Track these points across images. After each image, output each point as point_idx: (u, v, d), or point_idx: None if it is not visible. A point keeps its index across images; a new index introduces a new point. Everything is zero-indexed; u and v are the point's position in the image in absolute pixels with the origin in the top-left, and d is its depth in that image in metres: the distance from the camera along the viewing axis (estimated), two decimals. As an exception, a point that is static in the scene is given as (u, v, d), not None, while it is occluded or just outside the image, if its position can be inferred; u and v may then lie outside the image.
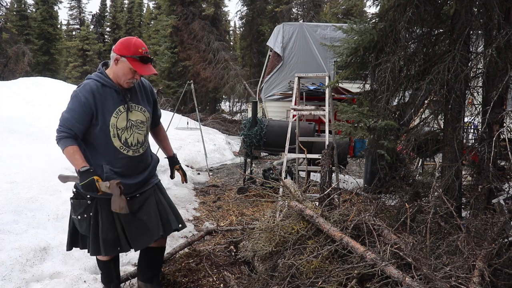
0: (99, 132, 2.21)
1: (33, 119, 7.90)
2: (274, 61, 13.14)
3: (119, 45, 2.26)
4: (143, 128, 2.37)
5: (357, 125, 3.63)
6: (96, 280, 2.85)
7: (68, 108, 2.21)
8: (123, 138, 2.27)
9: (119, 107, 2.25)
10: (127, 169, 2.31)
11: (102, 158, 2.24)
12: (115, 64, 2.25)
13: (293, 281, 2.24)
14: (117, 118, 2.23)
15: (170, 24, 21.02)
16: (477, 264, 2.01)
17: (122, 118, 2.25)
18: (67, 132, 2.16)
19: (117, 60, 2.24)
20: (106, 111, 2.21)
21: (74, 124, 2.16)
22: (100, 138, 2.22)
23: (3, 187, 3.86)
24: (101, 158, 2.24)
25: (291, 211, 2.70)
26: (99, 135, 2.22)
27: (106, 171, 2.22)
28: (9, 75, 20.07)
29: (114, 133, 2.23)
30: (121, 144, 2.27)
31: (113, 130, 2.23)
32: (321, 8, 25.26)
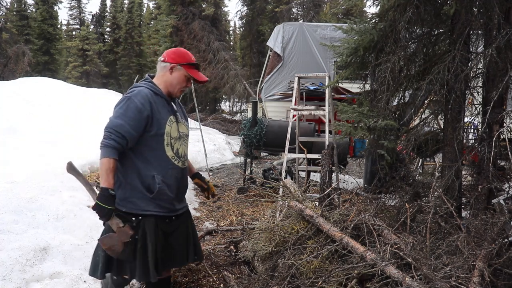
0: (152, 140, 2.12)
1: (33, 119, 7.90)
2: (274, 61, 13.15)
3: (172, 54, 2.26)
4: (186, 141, 2.35)
5: (357, 125, 3.63)
6: (96, 280, 2.85)
7: (121, 113, 2.05)
8: (175, 148, 2.22)
9: (170, 116, 2.21)
10: (177, 182, 2.24)
11: (153, 168, 2.13)
12: (169, 73, 2.24)
13: (293, 281, 2.24)
14: (171, 127, 2.19)
15: (170, 24, 21.02)
16: (477, 264, 2.01)
17: (174, 127, 2.23)
18: (116, 141, 2.00)
19: (172, 68, 2.23)
20: (161, 119, 2.15)
21: (128, 130, 2.02)
22: (152, 146, 2.12)
23: (3, 187, 3.85)
24: (152, 169, 2.13)
25: (291, 211, 2.70)
26: (151, 143, 2.12)
27: (159, 182, 2.12)
28: (9, 75, 20.06)
29: (168, 142, 2.17)
30: (173, 154, 2.20)
31: (167, 138, 2.17)
32: (321, 8, 25.26)
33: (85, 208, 3.86)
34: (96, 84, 28.27)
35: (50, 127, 7.74)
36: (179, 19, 20.80)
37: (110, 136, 2.00)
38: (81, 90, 12.61)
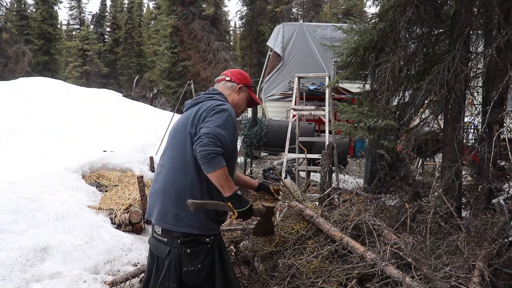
0: (229, 157, 2.00)
1: (33, 119, 7.90)
2: (274, 61, 13.15)
3: (238, 75, 2.23)
4: None
5: (357, 125, 3.63)
6: (96, 280, 2.85)
7: (221, 123, 1.91)
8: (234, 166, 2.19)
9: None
10: None
11: None
12: (236, 94, 2.20)
13: (293, 281, 2.24)
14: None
15: (170, 24, 21.04)
16: (477, 264, 2.01)
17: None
18: (221, 150, 1.85)
19: (239, 89, 2.20)
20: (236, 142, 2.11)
21: (227, 143, 1.90)
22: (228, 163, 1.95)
23: (3, 187, 3.85)
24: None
25: (291, 211, 2.70)
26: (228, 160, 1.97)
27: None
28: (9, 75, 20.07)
29: (235, 159, 2.15)
30: (233, 172, 2.14)
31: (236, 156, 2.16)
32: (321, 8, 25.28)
33: (85, 208, 3.87)
34: (96, 84, 28.27)
35: (50, 127, 7.74)
36: (179, 19, 20.81)
37: (216, 143, 1.84)
38: (81, 90, 12.61)
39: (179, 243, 1.92)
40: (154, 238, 2.03)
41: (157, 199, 2.01)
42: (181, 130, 2.04)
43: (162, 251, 1.97)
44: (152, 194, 2.08)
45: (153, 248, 2.05)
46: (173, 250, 1.93)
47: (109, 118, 9.58)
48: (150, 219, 2.07)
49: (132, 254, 3.38)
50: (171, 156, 2.04)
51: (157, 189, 2.04)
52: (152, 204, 2.05)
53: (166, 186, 1.99)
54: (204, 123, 1.92)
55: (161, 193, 2.00)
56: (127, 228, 3.93)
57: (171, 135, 2.12)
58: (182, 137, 2.01)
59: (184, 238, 1.92)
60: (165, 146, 2.16)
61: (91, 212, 3.85)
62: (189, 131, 1.97)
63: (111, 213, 3.97)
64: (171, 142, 2.10)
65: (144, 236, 3.99)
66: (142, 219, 4.10)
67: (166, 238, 1.96)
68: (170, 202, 1.95)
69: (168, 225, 1.94)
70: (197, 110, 2.02)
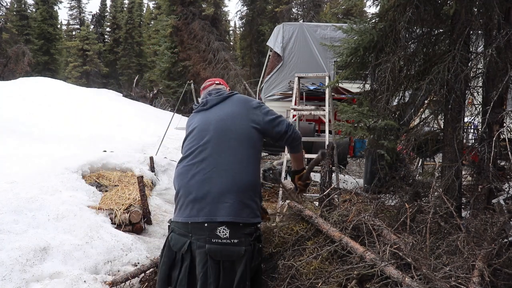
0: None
1: (33, 119, 7.91)
2: (274, 61, 13.14)
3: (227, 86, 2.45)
4: None
5: (357, 125, 3.63)
6: (96, 280, 2.85)
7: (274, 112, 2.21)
8: None
9: None
10: None
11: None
12: None
13: (292, 282, 2.24)
14: None
15: (170, 24, 21.04)
16: (477, 264, 2.01)
17: None
18: None
19: None
20: None
21: None
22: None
23: (3, 187, 3.86)
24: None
25: (291, 212, 2.70)
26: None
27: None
28: (9, 75, 20.08)
29: None
30: None
31: None
32: (321, 8, 25.29)
33: (85, 208, 3.87)
34: (96, 84, 28.30)
35: (50, 127, 7.74)
36: (179, 19, 20.81)
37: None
38: (81, 90, 12.61)
39: (252, 239, 1.91)
40: (216, 244, 1.86)
41: (224, 196, 1.89)
42: (237, 124, 2.04)
43: (233, 254, 1.88)
44: (208, 193, 1.90)
45: (215, 255, 1.87)
46: (247, 249, 1.89)
47: (109, 118, 9.58)
48: (211, 220, 1.87)
49: (132, 254, 3.38)
50: (228, 149, 1.98)
51: (219, 186, 1.91)
52: (213, 203, 1.89)
53: (236, 179, 1.92)
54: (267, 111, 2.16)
55: (232, 187, 1.90)
56: (127, 228, 3.93)
57: (217, 132, 2.02)
58: (240, 130, 2.03)
59: (256, 234, 1.94)
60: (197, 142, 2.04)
61: (91, 212, 3.85)
62: (252, 126, 2.07)
63: (111, 213, 3.97)
64: (221, 137, 2.01)
65: (144, 236, 3.99)
66: (142, 219, 4.11)
67: (237, 238, 1.87)
68: (244, 194, 1.92)
69: (243, 218, 1.89)
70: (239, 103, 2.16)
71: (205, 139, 2.01)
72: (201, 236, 1.88)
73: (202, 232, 1.87)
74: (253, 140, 2.05)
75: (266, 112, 2.14)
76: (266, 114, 2.13)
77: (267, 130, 2.12)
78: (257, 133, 2.08)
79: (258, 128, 2.08)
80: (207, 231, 1.86)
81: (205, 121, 2.09)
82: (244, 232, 1.89)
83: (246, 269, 1.89)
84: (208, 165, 1.95)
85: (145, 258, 3.34)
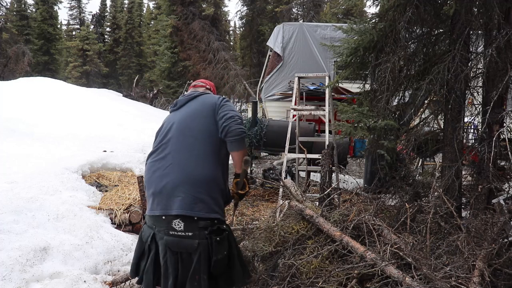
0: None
1: (33, 119, 7.90)
2: (274, 61, 13.14)
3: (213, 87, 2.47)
4: None
5: (357, 125, 3.63)
6: (96, 280, 2.85)
7: (236, 111, 2.14)
8: None
9: None
10: None
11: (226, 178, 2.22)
12: None
13: (293, 281, 2.24)
14: None
15: (170, 24, 21.03)
16: (477, 264, 2.01)
17: None
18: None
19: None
20: None
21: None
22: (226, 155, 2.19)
23: (3, 187, 3.86)
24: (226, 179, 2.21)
25: (291, 211, 2.70)
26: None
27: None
28: (9, 75, 20.06)
29: None
30: None
31: None
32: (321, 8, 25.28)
33: (85, 208, 3.87)
34: (96, 84, 28.27)
35: (50, 127, 7.74)
36: (179, 19, 20.80)
37: (242, 123, 2.07)
38: (81, 90, 12.61)
39: (207, 233, 1.96)
40: (172, 236, 1.97)
41: (177, 189, 1.98)
42: (197, 121, 2.11)
43: (188, 246, 1.96)
44: (164, 187, 2.01)
45: (173, 246, 1.98)
46: (201, 242, 1.95)
47: (109, 118, 9.58)
48: (166, 213, 1.97)
49: (132, 254, 3.38)
50: (185, 145, 2.06)
51: (173, 180, 2.00)
52: (167, 197, 1.99)
53: (189, 174, 2.00)
54: (224, 108, 2.09)
55: (184, 182, 1.98)
56: (127, 228, 3.93)
57: (178, 130, 2.13)
58: (200, 127, 2.09)
59: (211, 227, 1.97)
60: (160, 141, 2.16)
61: (91, 212, 3.85)
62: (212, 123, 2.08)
63: (111, 213, 3.97)
64: (180, 134, 2.11)
65: (144, 236, 3.98)
66: (142, 219, 4.10)
67: (191, 231, 1.95)
68: (196, 189, 1.97)
69: (195, 212, 1.95)
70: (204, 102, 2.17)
71: (167, 137, 2.13)
72: (161, 228, 2.00)
73: (162, 225, 2.00)
74: (213, 137, 2.08)
75: (224, 109, 2.10)
76: (219, 108, 2.11)
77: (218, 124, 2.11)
78: (216, 130, 2.09)
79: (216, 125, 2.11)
80: (165, 224, 1.98)
81: (171, 121, 2.20)
82: (199, 225, 1.95)
83: (200, 262, 1.95)
84: (167, 161, 2.05)
85: (145, 258, 3.34)
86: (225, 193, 2.14)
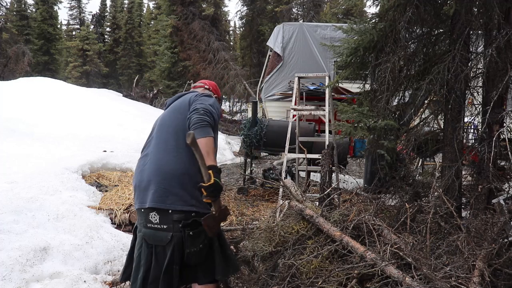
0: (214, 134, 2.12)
1: (33, 119, 7.90)
2: (274, 61, 13.15)
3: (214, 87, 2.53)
4: None
5: (357, 125, 3.63)
6: (96, 280, 2.85)
7: (211, 103, 2.09)
8: None
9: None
10: None
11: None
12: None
13: (293, 281, 2.24)
14: None
15: (170, 24, 21.03)
16: (477, 264, 2.01)
17: None
18: (212, 122, 2.01)
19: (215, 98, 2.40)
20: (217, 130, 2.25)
21: (215, 119, 2.08)
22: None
23: (3, 187, 3.86)
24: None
25: (291, 211, 2.70)
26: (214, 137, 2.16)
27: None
28: (9, 75, 20.05)
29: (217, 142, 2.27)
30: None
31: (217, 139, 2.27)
32: (321, 8, 25.28)
33: (85, 208, 3.87)
34: (96, 84, 28.27)
35: (50, 127, 7.74)
36: (179, 19, 20.80)
37: (207, 115, 2.00)
38: (81, 90, 12.61)
39: (181, 226, 1.96)
40: (149, 228, 2.01)
41: (150, 183, 2.02)
42: (174, 118, 2.16)
43: (162, 239, 1.97)
44: (141, 182, 2.06)
45: (148, 239, 2.02)
46: (175, 235, 1.96)
47: (109, 118, 9.58)
48: (143, 206, 2.02)
49: (132, 254, 3.38)
50: (161, 140, 2.12)
51: (147, 174, 2.05)
52: (143, 190, 2.04)
53: (160, 167, 2.03)
54: (195, 103, 2.10)
55: (155, 175, 2.02)
56: (127, 228, 3.94)
57: (158, 127, 2.21)
58: (176, 122, 2.12)
59: (185, 221, 1.97)
60: (148, 139, 2.25)
61: (91, 212, 3.85)
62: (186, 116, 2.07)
63: (111, 213, 3.97)
64: (159, 130, 2.19)
65: (144, 236, 3.99)
66: (142, 219, 4.10)
67: (166, 224, 1.97)
68: (167, 182, 1.99)
69: (167, 205, 1.96)
70: (184, 99, 2.21)
71: (152, 135, 2.23)
72: (141, 221, 2.07)
73: (141, 218, 2.07)
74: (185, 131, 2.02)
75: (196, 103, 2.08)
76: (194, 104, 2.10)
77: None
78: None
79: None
80: (143, 216, 2.04)
81: (159, 119, 2.28)
82: (173, 219, 1.96)
83: (173, 254, 1.96)
84: (148, 157, 2.13)
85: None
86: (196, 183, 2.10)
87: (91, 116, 9.35)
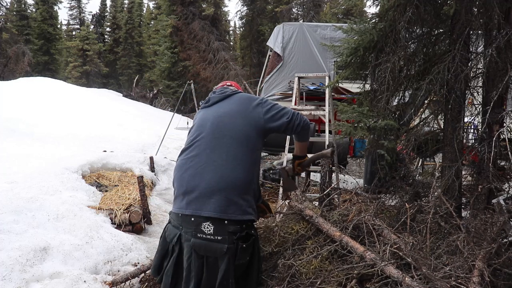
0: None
1: (33, 119, 7.91)
2: (274, 61, 13.13)
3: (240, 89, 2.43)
4: None
5: (357, 125, 3.63)
6: (96, 280, 2.85)
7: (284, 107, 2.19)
8: None
9: None
10: None
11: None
12: None
13: (292, 281, 2.24)
14: None
15: (170, 24, 21.05)
16: (477, 264, 2.01)
17: None
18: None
19: None
20: None
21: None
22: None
23: (3, 187, 3.86)
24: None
25: (291, 211, 2.70)
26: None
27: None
28: (9, 75, 20.07)
29: None
30: None
31: None
32: (321, 8, 25.29)
33: (85, 208, 3.87)
34: (96, 84, 28.30)
35: (50, 127, 7.74)
36: (179, 19, 20.82)
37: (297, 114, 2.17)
38: (81, 90, 12.61)
39: (235, 238, 1.91)
40: (200, 239, 1.90)
41: (213, 191, 1.91)
42: (235, 123, 2.05)
43: (217, 251, 1.90)
44: (196, 187, 1.94)
45: (200, 250, 1.92)
46: (230, 247, 1.89)
47: (109, 118, 9.58)
48: (196, 214, 1.90)
49: (132, 254, 3.38)
50: (222, 145, 2.00)
51: (208, 181, 1.93)
52: (201, 197, 1.92)
53: (224, 176, 1.93)
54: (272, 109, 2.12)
55: (219, 183, 1.92)
56: (127, 228, 3.94)
57: (213, 129, 2.05)
58: (238, 127, 2.03)
59: (240, 233, 1.92)
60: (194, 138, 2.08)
61: (91, 212, 3.85)
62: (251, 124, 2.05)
63: (111, 213, 3.97)
64: (216, 133, 2.03)
65: (144, 236, 3.99)
66: (142, 219, 4.11)
67: (221, 235, 1.89)
68: (230, 191, 1.92)
69: (228, 215, 1.89)
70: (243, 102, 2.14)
71: (201, 135, 2.06)
72: (188, 229, 1.93)
73: (190, 226, 1.92)
74: (250, 138, 2.03)
75: (267, 109, 2.09)
76: (267, 112, 2.08)
77: (268, 127, 2.09)
78: (256, 132, 2.05)
79: (257, 127, 2.06)
80: (194, 225, 1.91)
81: (204, 118, 2.13)
82: (228, 230, 1.89)
83: (229, 267, 1.90)
84: (201, 160, 1.99)
85: (145, 258, 3.34)
86: (257, 193, 2.10)
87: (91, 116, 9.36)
